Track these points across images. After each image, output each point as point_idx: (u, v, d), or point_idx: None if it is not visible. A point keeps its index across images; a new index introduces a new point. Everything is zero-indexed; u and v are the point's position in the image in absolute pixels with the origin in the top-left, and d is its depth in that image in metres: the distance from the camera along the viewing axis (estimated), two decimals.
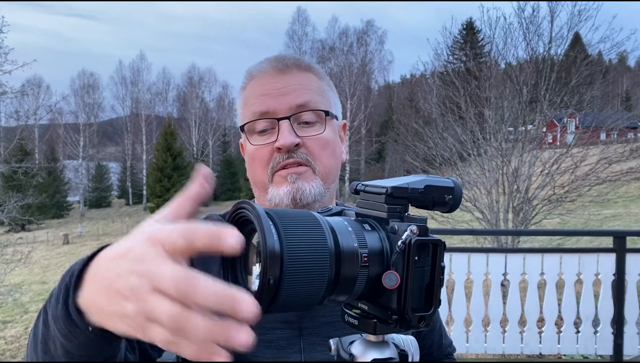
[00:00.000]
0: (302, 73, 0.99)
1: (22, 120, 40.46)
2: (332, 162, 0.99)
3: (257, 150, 0.97)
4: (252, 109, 0.98)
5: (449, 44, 16.65)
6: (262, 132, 0.97)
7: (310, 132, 0.96)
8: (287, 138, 0.93)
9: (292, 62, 1.00)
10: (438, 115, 11.56)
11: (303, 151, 0.95)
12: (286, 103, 0.95)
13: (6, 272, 14.72)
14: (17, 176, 23.43)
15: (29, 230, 37.71)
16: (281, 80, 0.97)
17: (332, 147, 0.99)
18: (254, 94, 0.98)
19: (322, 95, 1.00)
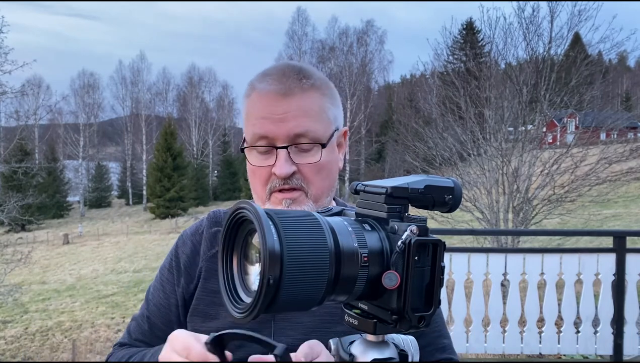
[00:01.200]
0: (304, 95, 1.01)
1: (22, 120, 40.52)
2: (325, 183, 1.04)
3: (257, 169, 1.03)
4: (252, 130, 1.01)
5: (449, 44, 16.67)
6: (262, 152, 1.02)
7: (307, 159, 1.01)
8: (284, 168, 0.98)
9: (294, 84, 1.01)
10: (438, 115, 11.56)
11: (298, 177, 1.00)
12: (285, 131, 0.99)
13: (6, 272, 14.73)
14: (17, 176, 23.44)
15: (29, 230, 37.73)
16: (283, 104, 0.99)
17: (327, 169, 1.04)
18: (255, 114, 1.01)
19: (323, 118, 1.03)
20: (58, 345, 14.88)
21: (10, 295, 15.61)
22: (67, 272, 24.74)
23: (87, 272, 24.19)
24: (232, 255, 0.60)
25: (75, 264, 26.24)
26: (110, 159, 60.23)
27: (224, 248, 0.61)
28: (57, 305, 18.77)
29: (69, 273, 24.36)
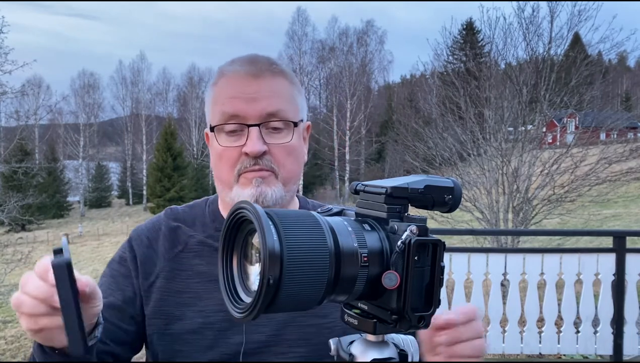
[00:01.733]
0: (274, 78, 1.01)
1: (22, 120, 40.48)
2: (295, 167, 1.04)
3: (225, 151, 1.00)
4: (222, 109, 1.00)
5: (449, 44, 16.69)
6: (231, 133, 1.00)
7: (278, 140, 1.00)
8: (256, 146, 0.97)
9: (265, 67, 1.01)
10: (438, 116, 11.56)
11: (268, 158, 0.99)
12: (257, 110, 0.98)
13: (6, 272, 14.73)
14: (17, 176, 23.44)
15: (29, 230, 37.71)
16: (253, 84, 0.99)
17: (296, 153, 1.04)
18: (225, 94, 1.01)
19: (292, 102, 1.04)
20: None
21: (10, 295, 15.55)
22: None
23: (87, 272, 23.98)
24: (232, 255, 0.60)
25: (76, 264, 26.12)
26: (110, 159, 60.22)
27: (224, 249, 0.61)
28: None
29: None
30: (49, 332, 0.74)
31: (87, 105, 56.06)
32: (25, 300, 0.73)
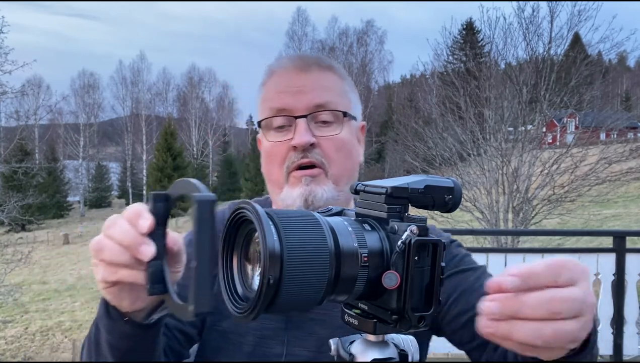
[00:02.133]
0: (323, 72, 1.00)
1: (22, 120, 40.51)
2: (347, 164, 0.99)
3: (274, 147, 0.98)
4: (270, 105, 0.98)
5: (449, 44, 16.68)
6: (279, 129, 0.98)
7: (327, 132, 0.97)
8: (303, 137, 0.94)
9: (313, 61, 1.00)
10: (438, 115, 11.57)
11: (318, 152, 0.96)
12: (304, 101, 0.96)
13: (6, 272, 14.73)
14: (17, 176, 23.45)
15: (29, 230, 37.70)
16: (301, 78, 0.98)
17: (347, 148, 0.99)
18: (273, 90, 0.99)
19: (342, 95, 1.01)
20: (58, 345, 14.88)
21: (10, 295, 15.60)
22: (68, 272, 24.73)
23: (87, 272, 24.17)
24: (232, 255, 0.61)
25: (76, 264, 26.23)
26: (110, 159, 60.21)
27: (224, 248, 0.61)
28: (57, 305, 18.78)
29: (69, 273, 24.35)
30: (123, 288, 0.67)
31: (87, 105, 56.09)
32: (108, 245, 0.63)
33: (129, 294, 0.67)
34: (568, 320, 0.52)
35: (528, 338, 0.51)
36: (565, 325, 0.51)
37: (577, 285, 0.54)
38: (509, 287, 0.51)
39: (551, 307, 0.51)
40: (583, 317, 0.53)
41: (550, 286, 0.52)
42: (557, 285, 0.52)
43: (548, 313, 0.51)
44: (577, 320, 0.52)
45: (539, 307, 0.50)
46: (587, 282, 0.56)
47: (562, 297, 0.52)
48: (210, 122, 57.84)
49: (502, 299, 0.51)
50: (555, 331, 0.51)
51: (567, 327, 0.51)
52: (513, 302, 0.51)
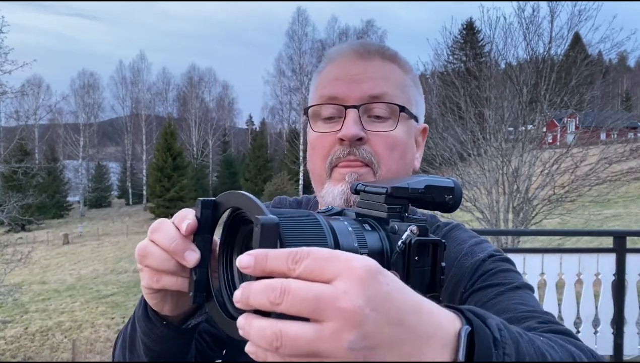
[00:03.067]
0: (384, 63, 0.90)
1: (22, 120, 40.55)
2: (399, 166, 0.88)
3: (319, 138, 0.89)
4: (321, 92, 0.90)
5: (449, 44, 16.67)
6: (328, 119, 0.89)
7: (379, 128, 0.86)
8: (351, 129, 0.84)
9: (375, 49, 0.91)
10: (438, 115, 11.56)
11: (366, 148, 0.86)
12: (358, 91, 0.86)
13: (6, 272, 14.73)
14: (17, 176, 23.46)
15: (29, 230, 37.71)
16: (359, 66, 0.88)
17: (401, 149, 0.88)
18: (328, 78, 0.90)
19: (403, 90, 0.90)
20: (58, 345, 14.89)
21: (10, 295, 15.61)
22: (67, 272, 24.74)
23: (87, 272, 24.19)
24: (232, 255, 0.60)
25: (75, 264, 26.24)
26: (110, 159, 60.24)
27: (224, 248, 0.61)
28: (57, 305, 18.78)
29: (69, 273, 24.36)
30: (166, 294, 0.65)
31: (87, 105, 56.09)
32: (152, 251, 0.61)
33: (172, 300, 0.66)
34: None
35: (254, 335, 0.42)
36: (289, 326, 0.41)
37: (332, 283, 0.42)
38: (244, 264, 0.43)
39: (271, 297, 0.41)
40: (322, 321, 0.40)
41: (288, 275, 0.42)
42: (296, 276, 0.42)
43: (269, 304, 0.41)
44: (311, 323, 0.41)
45: (260, 295, 0.42)
46: (356, 284, 0.41)
47: (286, 288, 0.41)
48: (210, 122, 57.85)
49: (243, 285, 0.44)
50: (273, 329, 0.41)
51: (291, 329, 0.41)
52: (244, 288, 0.43)
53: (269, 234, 0.48)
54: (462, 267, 0.83)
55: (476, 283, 0.80)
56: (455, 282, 0.82)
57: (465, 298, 0.80)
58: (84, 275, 23.83)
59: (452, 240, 0.88)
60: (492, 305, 0.76)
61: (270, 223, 0.49)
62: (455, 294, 0.82)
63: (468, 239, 0.88)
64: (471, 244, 0.86)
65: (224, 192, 0.61)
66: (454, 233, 0.91)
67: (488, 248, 0.86)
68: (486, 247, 0.86)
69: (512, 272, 0.83)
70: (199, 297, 0.60)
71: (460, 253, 0.84)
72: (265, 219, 0.49)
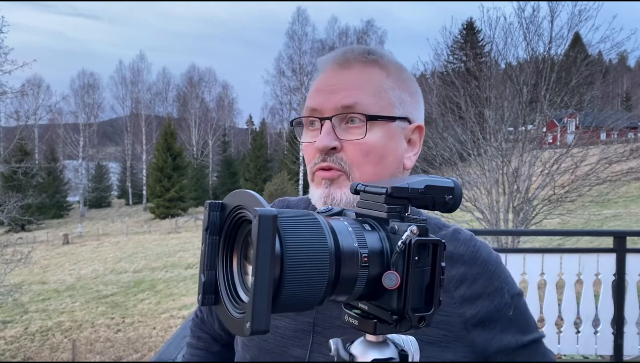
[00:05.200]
0: (365, 68, 0.93)
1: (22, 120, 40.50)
2: (377, 169, 0.92)
3: (305, 147, 0.96)
4: (306, 104, 0.96)
5: (449, 43, 16.68)
6: (312, 128, 0.95)
7: (351, 136, 0.91)
8: (322, 140, 0.90)
9: (356, 56, 0.94)
10: (438, 115, 11.55)
11: (339, 156, 0.91)
12: (332, 102, 0.91)
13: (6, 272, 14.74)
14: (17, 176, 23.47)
15: (29, 230, 37.73)
16: (338, 76, 0.93)
17: (378, 153, 0.91)
18: (312, 88, 0.96)
19: (380, 94, 0.92)
20: (58, 345, 14.89)
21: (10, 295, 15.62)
22: (67, 272, 24.74)
23: (87, 272, 24.19)
24: (232, 255, 0.60)
25: (75, 264, 26.24)
26: (110, 159, 60.26)
27: (224, 248, 0.61)
28: (57, 305, 18.78)
29: (69, 273, 24.37)
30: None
31: (87, 105, 56.12)
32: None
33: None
34: None
35: None
36: None
37: None
38: None
39: None
40: None
41: None
42: None
43: None
44: None
45: None
46: None
47: None
48: (210, 122, 57.87)
49: None
50: None
51: None
52: None
53: (266, 226, 0.50)
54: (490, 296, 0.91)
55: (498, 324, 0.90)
56: (475, 297, 0.90)
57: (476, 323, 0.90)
58: (83, 275, 23.83)
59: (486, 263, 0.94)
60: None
61: (268, 215, 0.50)
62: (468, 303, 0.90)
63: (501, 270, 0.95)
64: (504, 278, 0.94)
65: (224, 192, 0.62)
66: (486, 255, 0.96)
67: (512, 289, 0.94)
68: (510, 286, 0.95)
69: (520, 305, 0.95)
70: (208, 299, 0.60)
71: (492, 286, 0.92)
72: (263, 211, 0.50)
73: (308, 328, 0.92)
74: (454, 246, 0.93)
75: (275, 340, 0.94)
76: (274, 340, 0.94)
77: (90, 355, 13.89)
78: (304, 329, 0.92)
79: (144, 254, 27.36)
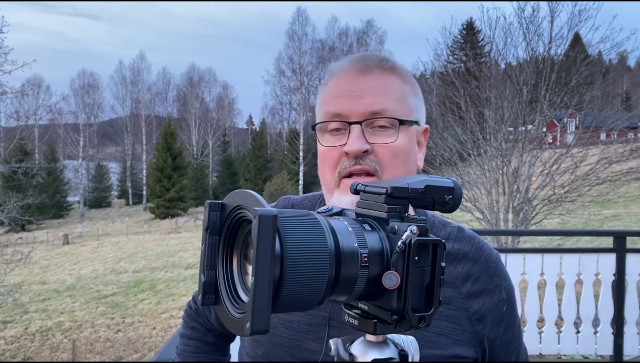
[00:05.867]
0: (384, 75, 0.96)
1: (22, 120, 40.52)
2: (402, 171, 0.95)
3: (327, 151, 0.96)
4: (326, 109, 0.96)
5: (449, 44, 16.68)
6: (334, 132, 0.96)
7: (382, 139, 0.93)
8: (356, 144, 0.91)
9: (374, 63, 0.97)
10: (438, 115, 11.55)
11: (372, 158, 0.93)
12: (360, 107, 0.93)
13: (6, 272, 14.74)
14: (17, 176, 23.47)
15: (29, 230, 37.72)
16: (360, 82, 0.95)
17: (404, 156, 0.95)
18: (331, 94, 0.97)
19: (402, 101, 0.96)
20: (58, 345, 14.88)
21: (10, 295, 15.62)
22: (67, 272, 24.73)
23: (87, 272, 24.19)
24: (232, 255, 0.60)
25: (75, 264, 26.23)
26: (110, 159, 60.24)
27: (224, 248, 0.61)
28: (57, 305, 18.78)
29: (69, 274, 24.36)
30: None
31: (87, 105, 56.10)
32: None
33: None
34: None
35: None
36: None
37: None
38: None
39: None
40: None
41: None
42: None
43: None
44: None
45: None
46: None
47: None
48: (210, 122, 57.86)
49: None
50: None
51: None
52: None
53: (266, 226, 0.51)
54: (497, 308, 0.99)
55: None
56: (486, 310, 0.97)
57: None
58: (83, 275, 23.82)
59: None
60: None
61: (268, 215, 0.50)
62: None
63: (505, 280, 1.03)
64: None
65: (224, 192, 0.62)
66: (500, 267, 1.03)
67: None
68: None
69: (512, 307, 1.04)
70: (208, 299, 0.60)
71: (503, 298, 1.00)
72: (263, 211, 0.50)
73: (323, 322, 0.93)
74: (460, 244, 0.98)
75: (289, 334, 0.95)
76: (289, 334, 0.95)
77: (90, 355, 13.88)
78: (318, 323, 0.93)
79: (144, 254, 27.35)
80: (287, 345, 0.94)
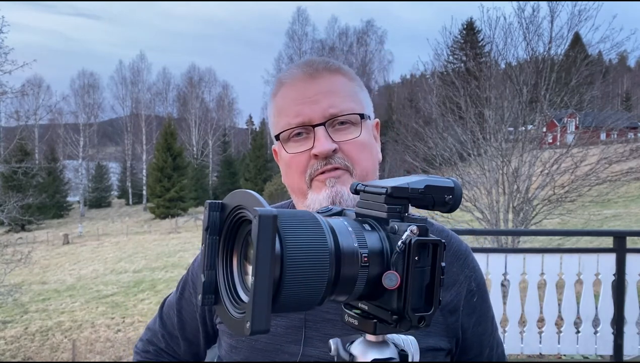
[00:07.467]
0: (332, 77, 0.98)
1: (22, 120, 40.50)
2: (370, 163, 0.98)
3: (294, 158, 0.97)
4: (286, 117, 0.97)
5: (449, 44, 16.66)
6: (298, 138, 0.97)
7: (347, 136, 0.96)
8: (324, 145, 0.93)
9: (322, 66, 0.99)
10: (438, 115, 11.56)
11: (340, 156, 0.95)
12: (319, 110, 0.95)
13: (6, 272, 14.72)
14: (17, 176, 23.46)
15: (29, 230, 37.72)
16: (313, 86, 0.97)
17: (370, 148, 0.99)
18: (287, 102, 0.98)
19: (354, 98, 1.00)
20: (58, 345, 14.88)
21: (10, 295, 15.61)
22: (67, 272, 24.73)
23: (87, 272, 24.19)
24: (232, 255, 0.60)
25: (75, 264, 26.23)
26: (110, 159, 60.23)
27: (224, 248, 0.61)
28: (57, 305, 18.77)
29: (69, 273, 24.36)
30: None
31: (87, 105, 56.12)
32: None
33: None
34: None
35: None
36: None
37: None
38: None
39: None
40: None
41: None
42: None
43: None
44: None
45: None
46: None
47: None
48: (210, 122, 57.86)
49: None
50: None
51: None
52: None
53: (266, 226, 0.51)
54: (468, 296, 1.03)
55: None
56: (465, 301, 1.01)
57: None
58: (84, 275, 23.82)
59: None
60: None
61: (268, 215, 0.50)
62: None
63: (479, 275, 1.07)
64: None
65: (224, 192, 0.62)
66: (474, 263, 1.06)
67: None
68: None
69: (484, 288, 1.08)
70: (208, 299, 0.61)
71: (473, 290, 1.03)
72: (263, 211, 0.50)
73: (300, 324, 0.94)
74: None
75: (267, 338, 0.95)
76: (266, 338, 0.95)
77: (90, 355, 13.88)
78: (295, 325, 0.94)
79: (144, 254, 27.35)
80: (265, 350, 0.95)
